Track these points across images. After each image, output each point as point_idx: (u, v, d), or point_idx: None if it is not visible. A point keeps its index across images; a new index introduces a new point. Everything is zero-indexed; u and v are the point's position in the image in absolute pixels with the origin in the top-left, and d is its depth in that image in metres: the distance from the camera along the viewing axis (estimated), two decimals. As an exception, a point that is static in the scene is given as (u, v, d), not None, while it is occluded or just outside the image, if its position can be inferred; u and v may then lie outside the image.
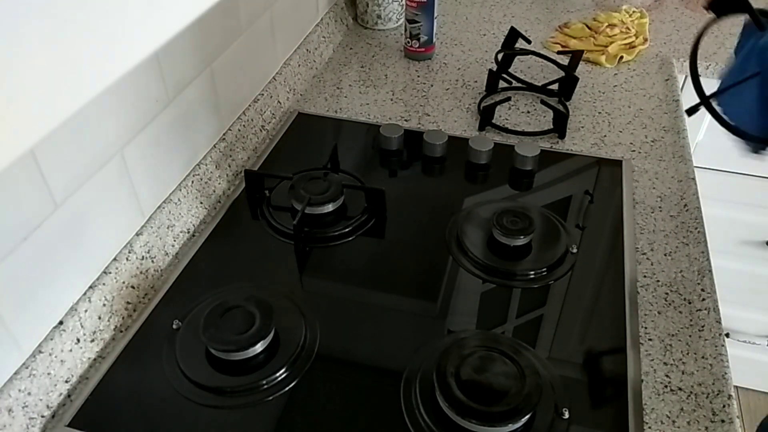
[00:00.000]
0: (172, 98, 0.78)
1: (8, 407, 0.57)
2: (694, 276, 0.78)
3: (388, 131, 0.97)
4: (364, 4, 1.33)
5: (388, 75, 1.20)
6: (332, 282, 0.78)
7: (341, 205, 0.85)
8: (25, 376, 0.59)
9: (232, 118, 0.95)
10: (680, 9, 1.44)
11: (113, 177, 0.70)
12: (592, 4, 1.46)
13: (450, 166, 0.96)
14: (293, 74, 1.11)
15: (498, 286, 0.76)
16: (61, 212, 0.62)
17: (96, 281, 0.69)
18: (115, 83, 0.66)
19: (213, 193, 0.89)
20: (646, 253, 0.81)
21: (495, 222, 0.79)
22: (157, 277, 0.77)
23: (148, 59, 0.71)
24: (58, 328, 0.64)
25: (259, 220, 0.85)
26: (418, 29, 1.20)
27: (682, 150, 0.99)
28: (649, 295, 0.76)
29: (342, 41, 1.31)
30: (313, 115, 1.08)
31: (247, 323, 0.65)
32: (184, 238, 0.82)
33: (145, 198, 0.76)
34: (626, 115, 1.08)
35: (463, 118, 1.07)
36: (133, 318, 0.72)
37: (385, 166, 0.97)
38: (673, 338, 0.71)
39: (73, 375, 0.65)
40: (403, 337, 0.70)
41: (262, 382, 0.64)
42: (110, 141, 0.69)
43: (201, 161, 0.87)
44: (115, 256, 0.72)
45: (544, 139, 1.01)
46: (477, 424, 0.58)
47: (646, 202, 0.89)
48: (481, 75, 1.16)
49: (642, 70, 1.21)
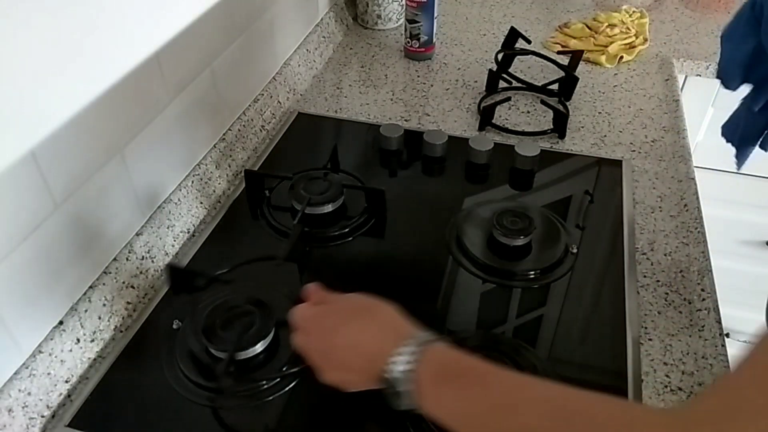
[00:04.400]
0: (172, 98, 0.78)
1: (8, 407, 0.57)
2: (694, 276, 0.78)
3: (388, 131, 0.97)
4: (364, 4, 1.33)
5: (388, 75, 1.20)
6: (332, 282, 0.78)
7: (341, 205, 0.85)
8: (25, 376, 0.59)
9: (232, 118, 0.95)
10: (680, 9, 1.44)
11: (113, 177, 0.70)
12: (592, 4, 1.46)
13: (450, 166, 0.96)
14: (293, 74, 1.11)
15: (498, 286, 0.76)
16: (61, 212, 0.62)
17: (96, 281, 0.69)
18: (115, 83, 0.66)
19: (213, 193, 0.89)
20: (646, 253, 0.81)
21: (495, 222, 0.79)
22: (157, 277, 0.76)
23: (148, 59, 0.71)
24: (58, 328, 0.64)
25: (259, 220, 0.85)
26: (418, 29, 1.20)
27: (682, 150, 0.99)
28: (649, 295, 0.76)
29: (342, 41, 1.31)
30: (313, 115, 1.08)
31: (247, 323, 0.65)
32: (184, 238, 0.82)
33: (145, 198, 0.76)
34: (626, 115, 1.08)
35: (463, 118, 1.07)
36: (133, 318, 0.72)
37: (385, 166, 0.97)
38: (673, 338, 0.71)
39: (73, 375, 0.65)
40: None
41: (262, 382, 0.64)
42: (110, 141, 0.69)
43: (201, 161, 0.87)
44: (115, 256, 0.72)
45: (544, 139, 1.01)
46: (477, 424, 0.58)
47: (646, 202, 0.89)
48: (481, 75, 1.16)
49: (642, 70, 1.21)
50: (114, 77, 0.66)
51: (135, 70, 0.69)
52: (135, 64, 0.69)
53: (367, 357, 0.51)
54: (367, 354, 0.51)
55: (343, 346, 0.53)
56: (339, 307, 0.56)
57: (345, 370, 0.53)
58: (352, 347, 0.52)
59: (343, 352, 0.53)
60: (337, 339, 0.53)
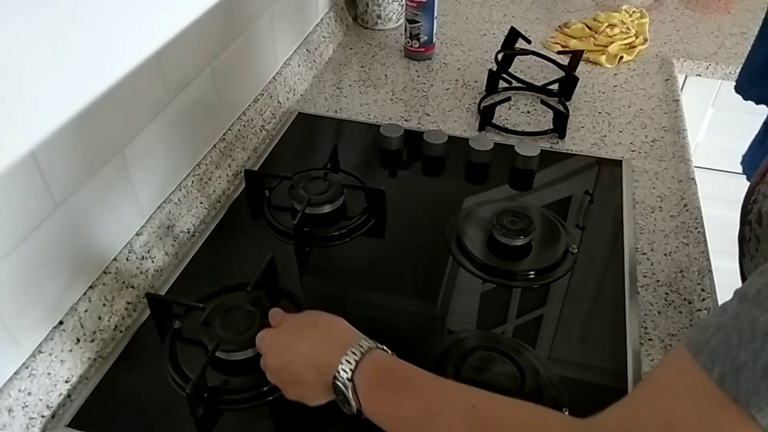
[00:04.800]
0: (172, 98, 0.78)
1: (8, 407, 0.57)
2: (694, 276, 0.78)
3: (388, 131, 0.97)
4: (364, 4, 1.33)
5: (388, 75, 1.20)
6: (332, 282, 0.78)
7: (341, 205, 0.85)
8: (25, 376, 0.59)
9: (232, 118, 0.95)
10: (680, 9, 1.44)
11: (113, 177, 0.70)
12: (592, 4, 1.46)
13: (450, 166, 0.96)
14: (293, 74, 1.11)
15: (498, 286, 0.76)
16: (61, 212, 0.62)
17: (96, 281, 0.69)
18: (115, 83, 0.66)
19: (213, 193, 0.89)
20: (646, 253, 0.81)
21: (495, 222, 0.79)
22: (157, 277, 0.76)
23: (148, 59, 0.71)
24: (58, 328, 0.64)
25: (259, 220, 0.85)
26: (418, 29, 1.20)
27: (682, 150, 0.99)
28: (649, 295, 0.76)
29: (342, 41, 1.31)
30: (313, 115, 1.08)
31: (247, 323, 0.65)
32: (184, 238, 0.82)
33: (145, 198, 0.76)
34: (626, 115, 1.08)
35: (463, 118, 1.07)
36: (133, 318, 0.72)
37: (385, 166, 0.97)
38: (673, 338, 0.71)
39: (73, 375, 0.65)
40: (403, 337, 0.70)
41: (262, 382, 0.64)
42: (110, 141, 0.69)
43: (201, 161, 0.87)
44: (115, 256, 0.72)
45: (544, 139, 1.01)
46: (477, 424, 0.58)
47: (646, 202, 0.89)
48: (481, 75, 1.16)
49: (642, 70, 1.21)
50: (114, 77, 0.66)
51: (135, 70, 0.69)
52: (135, 64, 0.69)
53: (316, 368, 0.55)
54: (316, 366, 0.55)
55: (293, 361, 0.56)
56: (290, 325, 0.59)
57: (299, 384, 0.57)
58: (301, 361, 0.56)
59: (294, 367, 0.56)
60: (287, 355, 0.57)
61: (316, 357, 0.55)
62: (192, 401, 0.60)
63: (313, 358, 0.55)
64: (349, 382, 0.52)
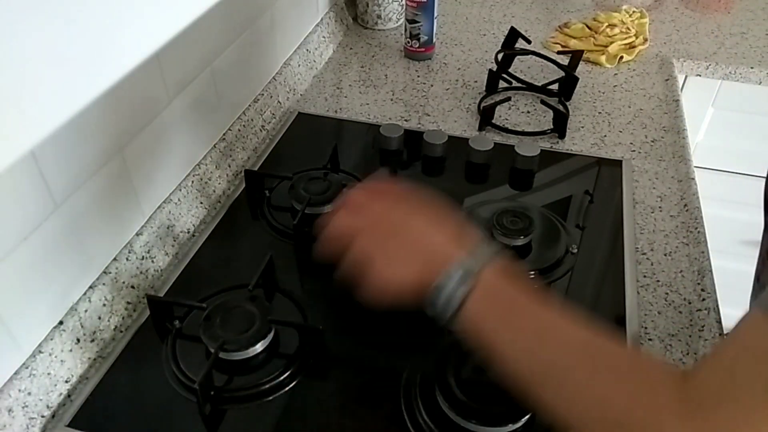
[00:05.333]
0: (173, 98, 0.78)
1: (8, 407, 0.57)
2: (694, 276, 0.78)
3: (388, 131, 0.97)
4: (364, 4, 1.33)
5: (388, 75, 1.20)
6: (332, 281, 0.78)
7: (341, 205, 0.85)
8: (25, 376, 0.59)
9: (232, 118, 0.95)
10: (680, 9, 1.44)
11: (113, 177, 0.70)
12: (592, 4, 1.46)
13: (450, 166, 0.96)
14: (293, 74, 1.11)
15: (498, 286, 0.76)
16: (61, 212, 0.62)
17: (96, 281, 0.69)
18: (115, 83, 0.66)
19: (213, 193, 0.89)
20: (646, 253, 0.81)
21: (495, 222, 0.79)
22: (157, 277, 0.76)
23: (148, 59, 0.71)
24: (58, 328, 0.64)
25: (259, 220, 0.85)
26: (418, 29, 1.20)
27: (682, 150, 0.99)
28: (649, 295, 0.76)
29: (342, 41, 1.31)
30: (313, 115, 1.08)
31: (247, 323, 0.65)
32: (184, 238, 0.82)
33: (145, 198, 0.76)
34: (626, 115, 1.08)
35: (463, 118, 1.07)
36: (133, 318, 0.72)
37: (385, 166, 0.97)
38: (673, 338, 0.71)
39: (73, 375, 0.65)
40: (404, 337, 0.70)
41: (262, 382, 0.64)
42: (110, 141, 0.69)
43: (201, 161, 0.87)
44: (115, 256, 0.72)
45: (544, 139, 1.01)
46: (477, 425, 0.58)
47: (646, 202, 0.89)
48: (481, 75, 1.16)
49: (642, 70, 1.21)
50: (114, 77, 0.66)
51: (135, 70, 0.69)
52: (135, 64, 0.69)
53: (431, 254, 0.51)
54: (432, 252, 0.51)
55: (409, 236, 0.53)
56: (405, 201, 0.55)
57: (401, 262, 0.52)
58: (419, 240, 0.52)
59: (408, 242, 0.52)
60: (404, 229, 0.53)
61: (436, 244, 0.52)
62: (200, 399, 0.60)
63: (434, 244, 0.52)
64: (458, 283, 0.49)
